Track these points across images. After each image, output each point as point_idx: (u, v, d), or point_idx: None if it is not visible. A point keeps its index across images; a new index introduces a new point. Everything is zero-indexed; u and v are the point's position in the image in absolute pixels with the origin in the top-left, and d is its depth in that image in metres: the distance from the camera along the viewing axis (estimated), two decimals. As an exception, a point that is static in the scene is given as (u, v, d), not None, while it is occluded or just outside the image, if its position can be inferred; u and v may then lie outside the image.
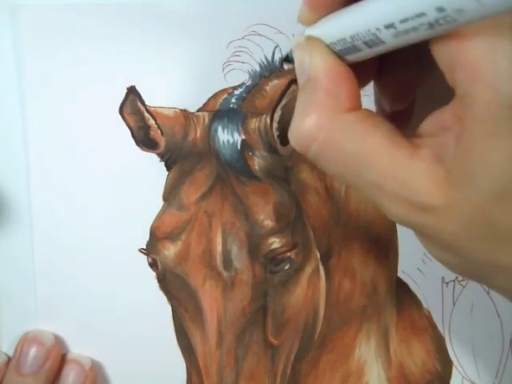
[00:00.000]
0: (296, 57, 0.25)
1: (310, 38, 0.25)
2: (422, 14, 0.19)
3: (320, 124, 0.23)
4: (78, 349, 0.40)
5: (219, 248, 0.37)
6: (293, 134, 0.25)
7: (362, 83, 0.27)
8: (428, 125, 0.23)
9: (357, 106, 0.24)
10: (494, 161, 0.20)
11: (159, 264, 0.38)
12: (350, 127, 0.23)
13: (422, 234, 0.23)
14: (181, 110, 0.38)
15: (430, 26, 0.20)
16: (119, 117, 0.38)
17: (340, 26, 0.23)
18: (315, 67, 0.24)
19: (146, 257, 0.39)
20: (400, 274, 0.40)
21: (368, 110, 0.24)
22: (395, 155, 0.22)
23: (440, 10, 0.19)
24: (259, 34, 0.38)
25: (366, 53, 0.23)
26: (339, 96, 0.23)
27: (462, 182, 0.20)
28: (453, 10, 0.19)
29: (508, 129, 0.19)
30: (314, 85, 0.24)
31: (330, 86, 0.23)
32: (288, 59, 0.27)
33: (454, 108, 0.21)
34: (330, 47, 0.24)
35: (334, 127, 0.23)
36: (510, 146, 0.20)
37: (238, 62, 0.38)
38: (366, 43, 0.22)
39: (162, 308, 0.39)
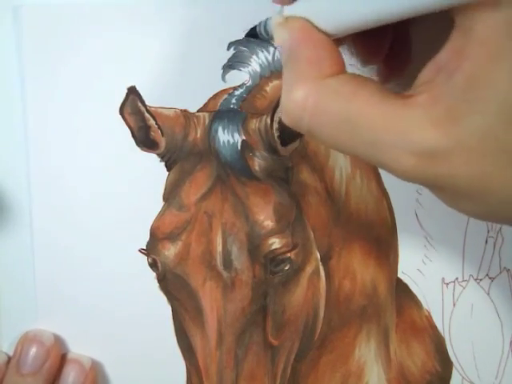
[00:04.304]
0: (277, 37, 0.25)
1: (288, 18, 0.25)
2: None
3: (307, 93, 0.23)
4: (78, 348, 0.40)
5: (219, 248, 0.37)
6: (283, 111, 0.24)
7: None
8: (421, 77, 0.22)
9: (340, 70, 0.23)
10: (499, 82, 0.19)
11: (159, 264, 0.38)
12: (336, 90, 0.23)
13: (436, 187, 0.22)
14: (181, 110, 0.38)
15: None
16: (119, 117, 0.38)
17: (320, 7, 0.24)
18: (294, 39, 0.24)
19: (146, 257, 0.39)
20: (400, 275, 0.40)
21: (353, 73, 0.24)
22: (387, 108, 0.21)
23: None
24: (260, 35, 0.38)
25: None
26: (321, 63, 0.23)
27: (466, 112, 0.19)
28: None
29: (510, 48, 0.18)
30: (296, 57, 0.24)
31: (310, 54, 0.23)
32: (254, 33, 0.27)
33: (452, 42, 0.20)
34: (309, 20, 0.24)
35: (320, 93, 0.23)
36: None
37: (239, 62, 0.38)
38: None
39: (162, 308, 0.39)
